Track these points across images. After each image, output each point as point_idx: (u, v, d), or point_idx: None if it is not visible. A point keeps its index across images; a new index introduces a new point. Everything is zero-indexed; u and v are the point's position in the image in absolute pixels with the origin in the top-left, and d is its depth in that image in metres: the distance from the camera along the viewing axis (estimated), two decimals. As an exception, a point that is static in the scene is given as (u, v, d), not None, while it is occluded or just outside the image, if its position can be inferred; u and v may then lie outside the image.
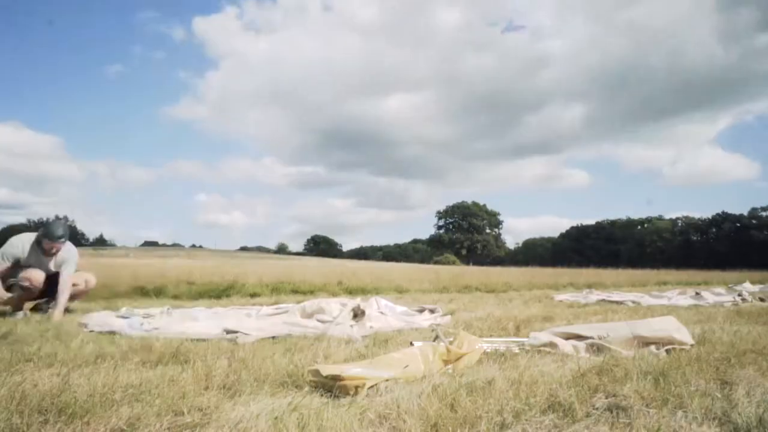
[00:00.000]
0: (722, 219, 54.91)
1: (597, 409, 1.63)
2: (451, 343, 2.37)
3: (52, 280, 4.33)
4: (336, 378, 1.78)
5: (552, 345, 2.65)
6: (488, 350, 2.57)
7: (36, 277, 4.24)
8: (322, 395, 1.77)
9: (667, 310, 5.35)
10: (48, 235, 4.26)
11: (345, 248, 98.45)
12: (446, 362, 2.25)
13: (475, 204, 76.08)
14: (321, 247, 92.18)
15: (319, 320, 3.79)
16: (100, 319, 3.63)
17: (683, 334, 2.74)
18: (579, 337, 2.81)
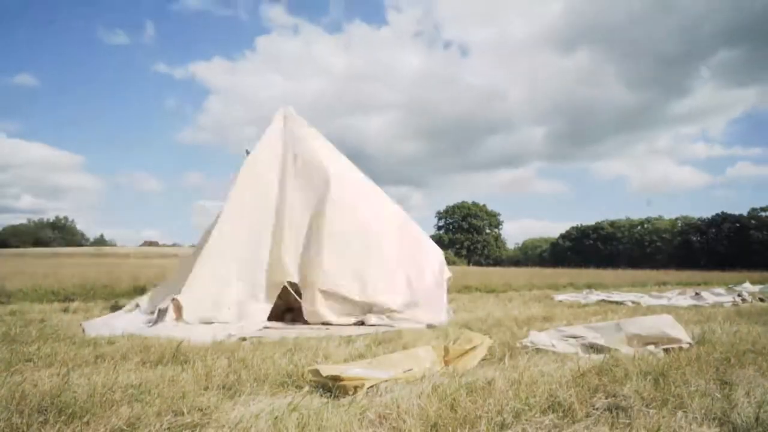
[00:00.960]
0: (722, 219, 54.76)
1: (597, 409, 1.62)
2: (453, 342, 2.37)
3: None
4: (336, 378, 1.78)
5: (551, 346, 2.65)
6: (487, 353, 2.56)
7: None
8: (322, 395, 1.77)
9: (666, 310, 5.34)
10: None
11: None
12: (447, 362, 2.25)
13: (475, 204, 75.86)
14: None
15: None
16: (101, 322, 3.63)
17: (678, 331, 2.74)
18: (577, 338, 2.81)
